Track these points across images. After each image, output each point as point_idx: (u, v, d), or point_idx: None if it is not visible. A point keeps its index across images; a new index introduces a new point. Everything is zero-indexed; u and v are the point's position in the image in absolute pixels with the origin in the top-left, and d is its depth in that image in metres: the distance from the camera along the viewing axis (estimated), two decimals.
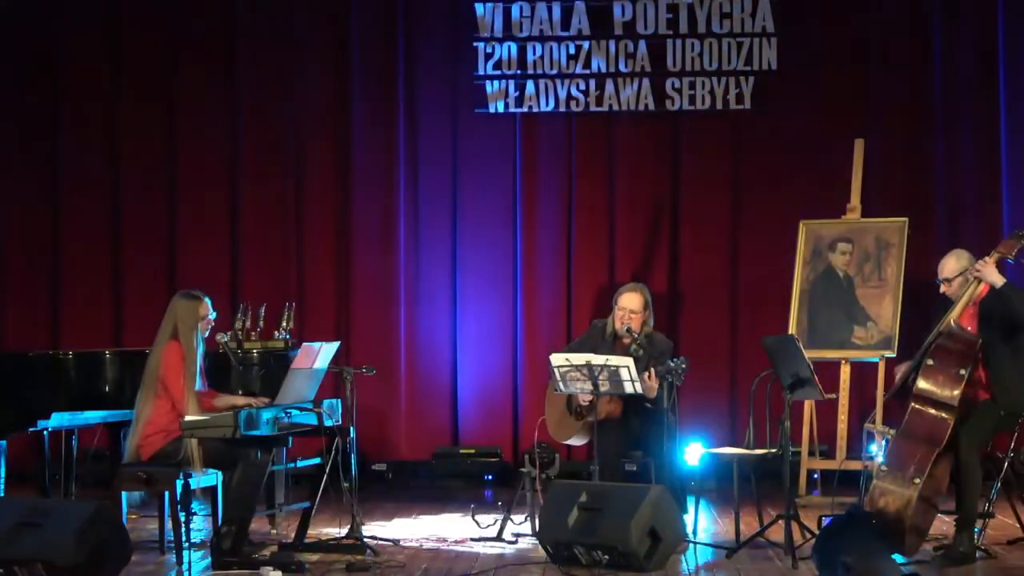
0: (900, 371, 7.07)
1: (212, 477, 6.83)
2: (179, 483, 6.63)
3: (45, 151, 10.10)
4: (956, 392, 6.63)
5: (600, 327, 7.87)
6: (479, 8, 9.91)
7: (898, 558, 6.29)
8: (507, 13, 9.91)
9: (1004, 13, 9.75)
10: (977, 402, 6.76)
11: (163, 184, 10.07)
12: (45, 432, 7.51)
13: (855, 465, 8.25)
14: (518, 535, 7.37)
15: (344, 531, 7.17)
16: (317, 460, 7.44)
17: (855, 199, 9.18)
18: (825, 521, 6.88)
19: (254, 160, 10.06)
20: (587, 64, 9.89)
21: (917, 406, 6.70)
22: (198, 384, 6.85)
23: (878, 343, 8.87)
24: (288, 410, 6.83)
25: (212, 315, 6.99)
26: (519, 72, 9.91)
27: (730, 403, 9.84)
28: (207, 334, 6.99)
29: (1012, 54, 9.76)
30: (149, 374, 6.84)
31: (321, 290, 10.05)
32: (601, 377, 7.11)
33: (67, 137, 10.06)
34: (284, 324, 8.19)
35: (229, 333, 7.70)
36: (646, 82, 9.86)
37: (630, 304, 7.69)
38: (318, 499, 7.17)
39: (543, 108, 9.91)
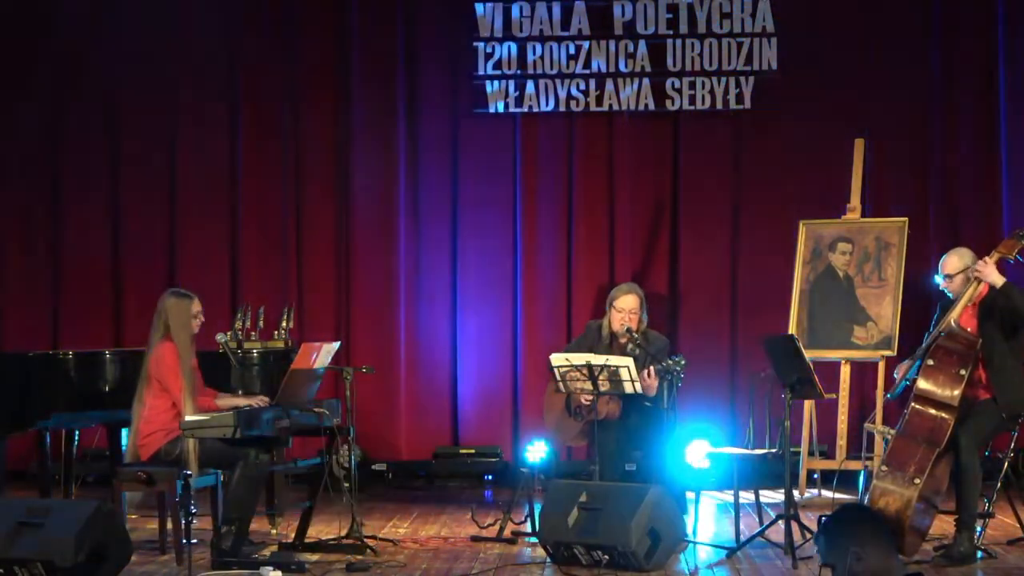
0: (900, 370, 7.07)
1: (212, 477, 6.82)
2: (179, 483, 6.63)
3: (45, 151, 10.09)
4: (956, 392, 6.63)
5: (596, 328, 7.88)
6: (479, 8, 9.91)
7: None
8: (507, 13, 9.91)
9: (1004, 13, 9.75)
10: (977, 402, 6.76)
11: (163, 184, 10.06)
12: (45, 432, 7.52)
13: (855, 465, 8.25)
14: (518, 535, 7.37)
15: (344, 531, 7.18)
16: (317, 460, 7.45)
17: (855, 199, 9.18)
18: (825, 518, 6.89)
19: (254, 160, 10.05)
20: (587, 64, 9.88)
21: (917, 406, 6.71)
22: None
23: (878, 343, 8.87)
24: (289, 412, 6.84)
25: (201, 313, 6.99)
26: (519, 72, 9.91)
27: (730, 403, 9.84)
28: (197, 332, 6.99)
29: (1012, 54, 9.75)
30: (145, 374, 6.84)
31: (321, 290, 10.05)
32: (601, 377, 7.12)
33: (67, 137, 10.06)
34: (284, 324, 8.19)
35: (229, 333, 7.69)
36: (646, 82, 9.86)
37: (629, 305, 7.71)
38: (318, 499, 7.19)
39: (543, 108, 9.91)
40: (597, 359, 7.17)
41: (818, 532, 3.85)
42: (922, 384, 6.70)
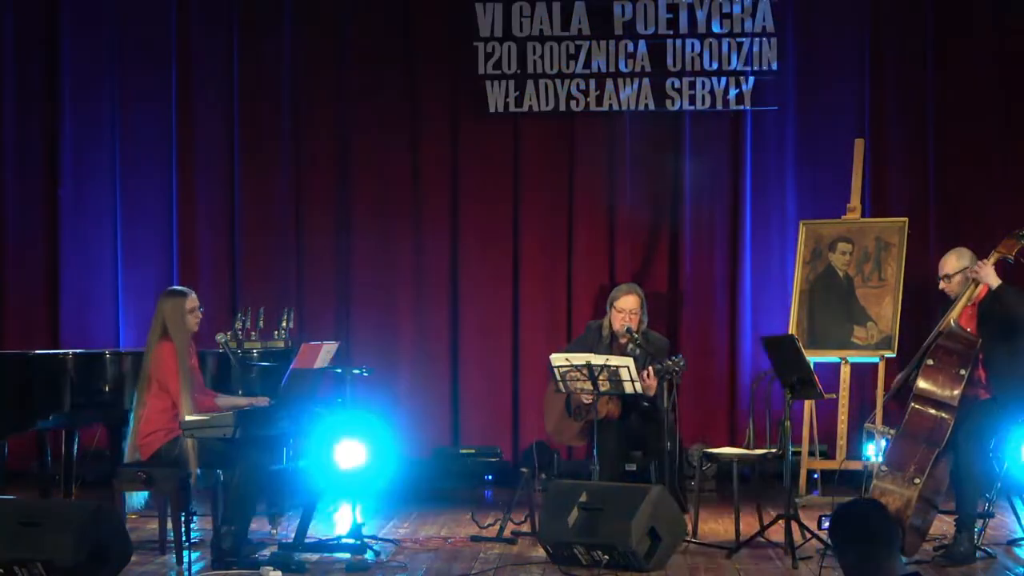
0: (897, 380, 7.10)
1: (212, 477, 6.82)
2: (179, 483, 6.64)
3: (45, 150, 10.09)
4: (956, 392, 6.64)
5: (596, 328, 7.89)
6: (479, 8, 9.91)
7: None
8: (507, 13, 9.91)
9: (1003, 13, 9.74)
10: (977, 402, 6.76)
11: (163, 184, 10.06)
12: (45, 432, 7.52)
13: (855, 465, 8.26)
14: (518, 535, 7.37)
15: (344, 531, 7.18)
16: (316, 460, 7.45)
17: (855, 199, 9.18)
18: (824, 519, 6.90)
19: (254, 160, 10.05)
20: (587, 64, 9.88)
21: (917, 406, 6.71)
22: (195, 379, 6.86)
23: (878, 343, 8.87)
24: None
25: (200, 308, 6.99)
26: (519, 72, 9.91)
27: (730, 403, 9.84)
28: (197, 328, 6.99)
29: (1012, 53, 9.75)
30: (144, 374, 6.84)
31: (321, 290, 10.05)
32: (601, 377, 7.12)
33: (67, 136, 10.05)
34: (284, 324, 8.20)
35: (229, 333, 7.69)
36: (646, 82, 9.86)
37: (629, 305, 7.72)
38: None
39: (543, 108, 9.91)
40: (597, 359, 7.17)
41: (829, 525, 3.87)
42: (922, 384, 6.71)
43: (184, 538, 6.66)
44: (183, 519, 6.69)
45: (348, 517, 7.30)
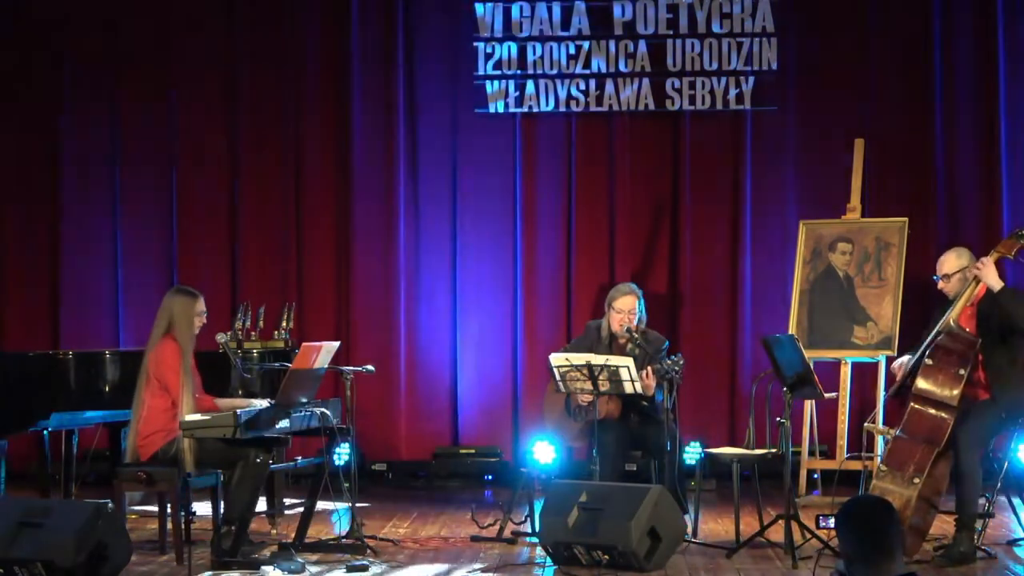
0: (898, 366, 7.06)
1: (212, 477, 6.82)
2: (179, 483, 6.64)
3: (46, 151, 10.09)
4: (956, 392, 6.64)
5: (595, 328, 7.88)
6: (479, 8, 9.91)
7: None
8: (507, 13, 9.91)
9: (1004, 13, 9.75)
10: (977, 402, 6.76)
11: (163, 184, 10.07)
12: (45, 432, 7.52)
13: (855, 465, 8.25)
14: (518, 535, 7.37)
15: (344, 531, 7.18)
16: (317, 460, 7.45)
17: (855, 199, 9.18)
18: (823, 519, 6.90)
19: (254, 160, 10.06)
20: (587, 64, 9.89)
21: (917, 406, 6.71)
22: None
23: (878, 343, 8.87)
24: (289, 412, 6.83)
25: (204, 313, 6.99)
26: (519, 72, 9.91)
27: (730, 403, 9.84)
28: (199, 331, 6.99)
29: (1012, 54, 9.75)
30: (146, 373, 6.84)
31: (321, 290, 10.05)
32: (601, 377, 7.12)
33: (68, 137, 10.06)
34: (284, 324, 8.20)
35: (229, 333, 7.69)
36: (646, 82, 9.86)
37: (628, 306, 7.71)
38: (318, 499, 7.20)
39: (543, 108, 9.91)
40: (597, 359, 7.17)
41: (836, 517, 3.89)
42: (922, 384, 6.71)
43: (184, 538, 6.66)
44: (183, 519, 6.69)
45: (348, 517, 7.29)
